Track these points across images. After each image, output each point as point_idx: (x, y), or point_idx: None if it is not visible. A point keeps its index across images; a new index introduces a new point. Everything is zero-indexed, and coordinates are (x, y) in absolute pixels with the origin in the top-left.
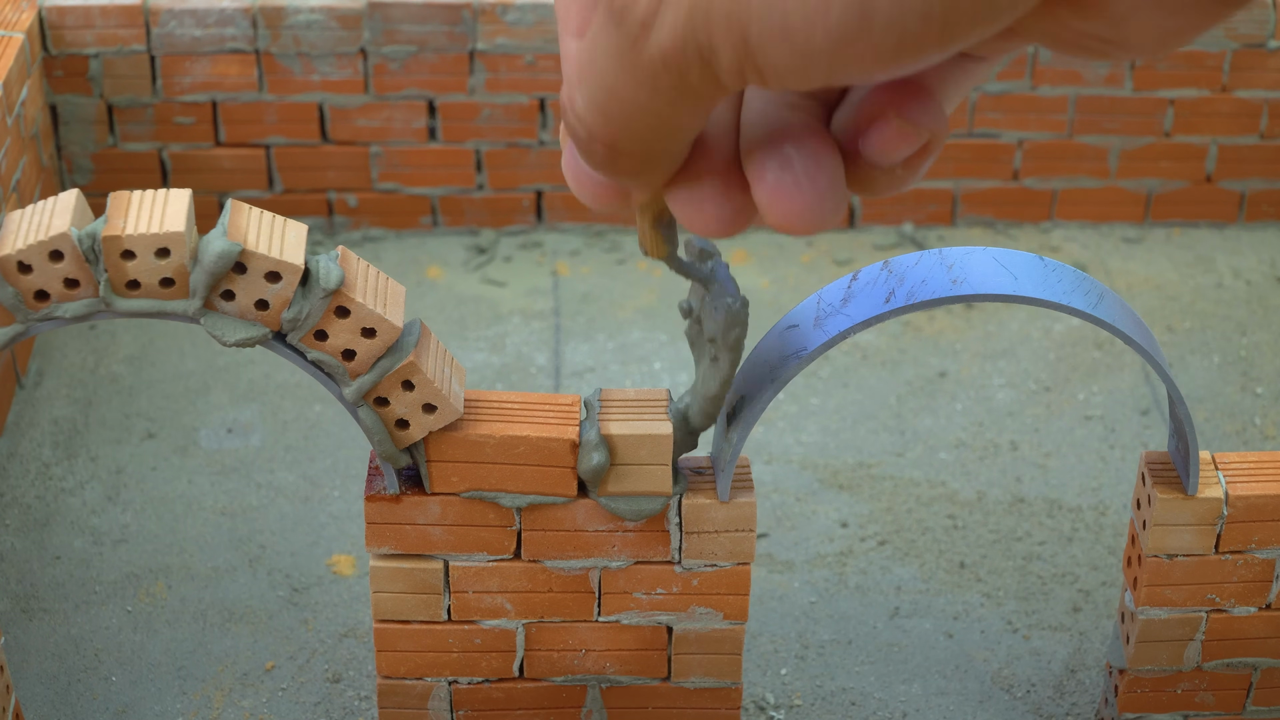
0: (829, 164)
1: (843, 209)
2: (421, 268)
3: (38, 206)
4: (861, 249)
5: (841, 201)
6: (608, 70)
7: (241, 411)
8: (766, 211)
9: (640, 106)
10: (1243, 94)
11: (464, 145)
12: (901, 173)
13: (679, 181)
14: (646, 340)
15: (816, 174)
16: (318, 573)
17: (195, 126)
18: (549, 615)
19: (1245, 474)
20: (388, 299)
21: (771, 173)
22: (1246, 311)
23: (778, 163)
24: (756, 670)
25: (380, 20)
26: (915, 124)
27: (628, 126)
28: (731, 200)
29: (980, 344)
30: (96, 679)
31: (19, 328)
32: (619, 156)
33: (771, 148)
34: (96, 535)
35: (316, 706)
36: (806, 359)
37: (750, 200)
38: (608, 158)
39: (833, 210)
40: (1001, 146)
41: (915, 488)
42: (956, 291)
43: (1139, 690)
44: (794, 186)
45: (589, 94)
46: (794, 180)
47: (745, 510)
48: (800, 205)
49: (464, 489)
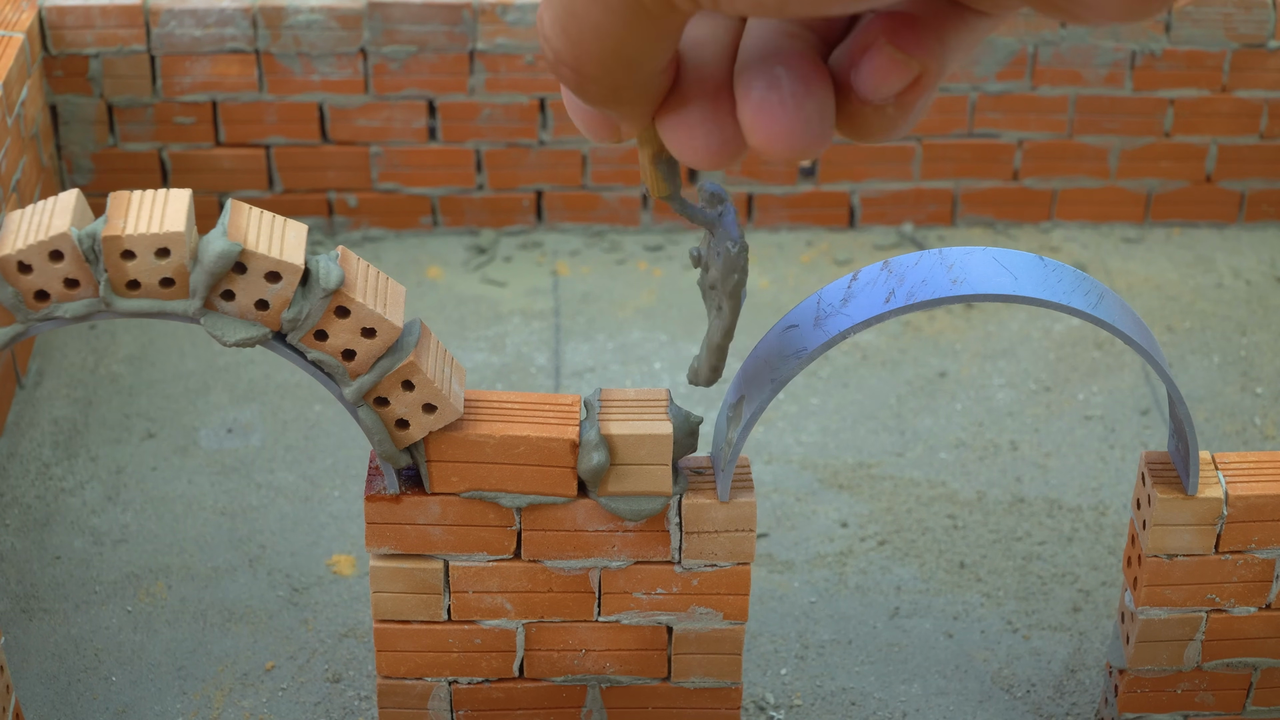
0: (818, 90)
1: (827, 138)
2: (421, 268)
3: (38, 206)
4: (861, 249)
5: (826, 130)
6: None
7: (241, 411)
8: (750, 130)
9: (597, 26)
10: (1243, 94)
11: (464, 145)
12: (893, 112)
13: (668, 108)
14: (646, 340)
15: (804, 97)
16: (318, 573)
17: (195, 126)
18: (549, 615)
19: (1245, 474)
20: (388, 299)
21: (758, 90)
22: (1246, 311)
23: (765, 81)
24: (756, 670)
25: (380, 20)
26: (907, 53)
27: (588, 49)
28: (721, 127)
29: (980, 344)
30: (96, 679)
31: (19, 328)
32: (586, 82)
33: (762, 67)
34: (96, 535)
35: (316, 706)
36: (806, 359)
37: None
38: (576, 82)
39: (817, 136)
40: (1001, 146)
41: (915, 488)
42: (956, 291)
43: (1139, 690)
44: (779, 105)
45: (552, 11)
46: (780, 99)
47: (745, 510)
48: (784, 126)
49: (464, 489)
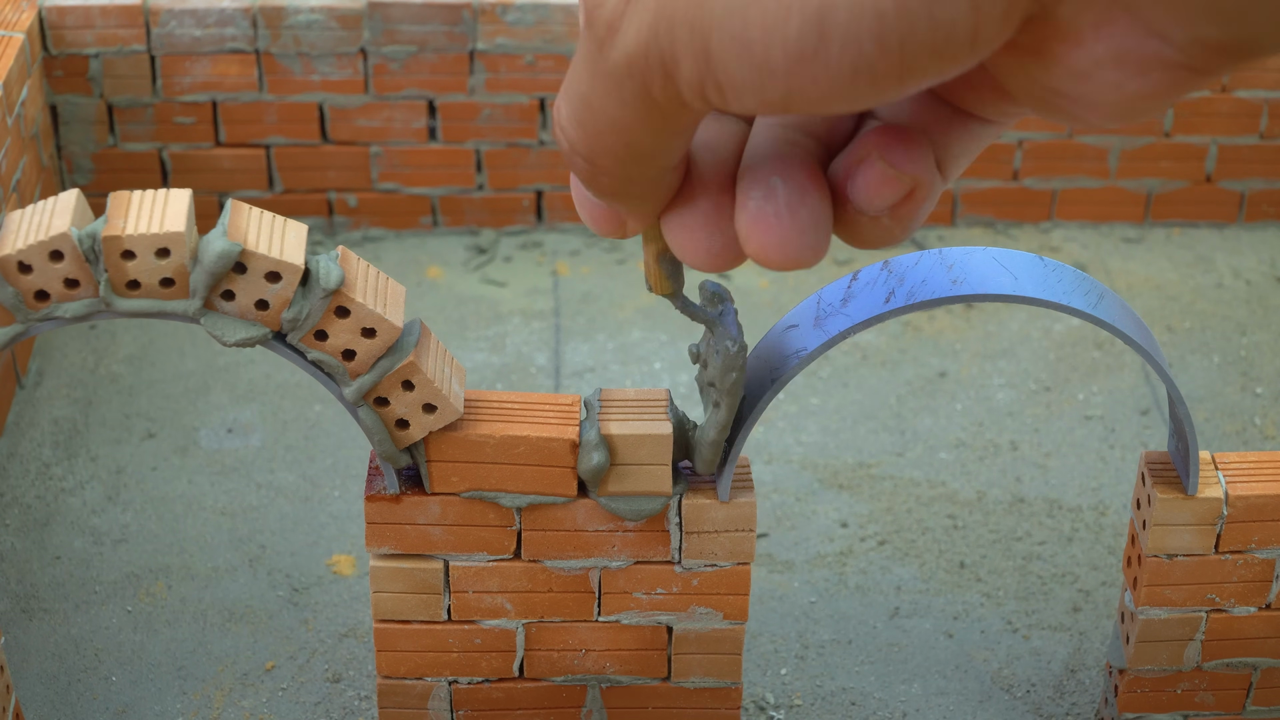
0: (813, 201)
1: (822, 249)
2: (421, 268)
3: (38, 206)
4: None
5: (821, 240)
6: (582, 77)
7: (241, 411)
8: (745, 239)
9: (611, 119)
10: (1243, 94)
11: (464, 145)
12: (888, 223)
13: (673, 207)
14: (646, 340)
15: (798, 208)
16: (318, 573)
17: (195, 126)
18: (549, 615)
19: (1245, 474)
20: (388, 299)
21: (754, 201)
22: (1246, 311)
23: (761, 191)
24: (756, 670)
25: (380, 20)
26: (899, 169)
27: (603, 142)
28: (722, 231)
29: (980, 344)
30: (96, 679)
31: (19, 328)
32: (599, 174)
33: (760, 176)
34: (96, 535)
35: (316, 706)
36: (806, 359)
37: None
38: (589, 174)
39: (811, 247)
40: (1001, 146)
41: (915, 488)
42: (956, 291)
43: (1139, 690)
44: (774, 217)
45: (569, 103)
46: (775, 211)
47: (745, 510)
48: (777, 236)
49: (464, 489)
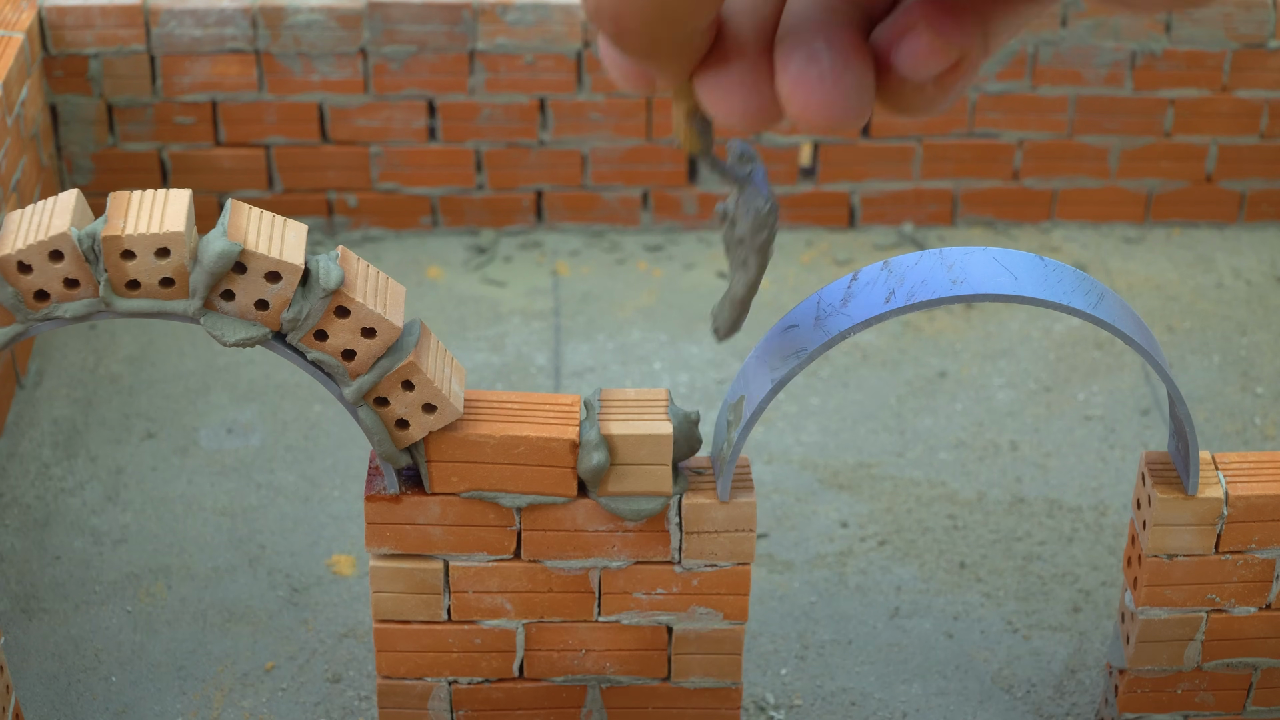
0: (857, 65)
1: (865, 112)
2: (421, 268)
3: (38, 206)
4: (861, 249)
5: (865, 104)
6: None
7: (241, 411)
8: (787, 100)
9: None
10: (1243, 94)
11: (464, 145)
12: (933, 91)
13: (707, 67)
14: (646, 340)
15: (843, 72)
16: (318, 573)
17: (195, 126)
18: (549, 615)
19: (1245, 474)
20: (388, 299)
21: (796, 63)
22: (1246, 311)
23: (805, 54)
24: (756, 670)
25: (380, 20)
26: (946, 39)
27: (630, 2)
28: (759, 91)
29: (980, 344)
30: (96, 679)
31: (19, 328)
32: (626, 34)
33: (803, 40)
34: (96, 535)
35: (316, 706)
36: (806, 359)
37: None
38: (615, 34)
39: (854, 111)
40: (1001, 146)
41: (915, 488)
42: (956, 291)
43: (1139, 690)
44: (817, 79)
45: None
46: (819, 74)
47: (745, 510)
48: (821, 99)
49: (464, 489)
